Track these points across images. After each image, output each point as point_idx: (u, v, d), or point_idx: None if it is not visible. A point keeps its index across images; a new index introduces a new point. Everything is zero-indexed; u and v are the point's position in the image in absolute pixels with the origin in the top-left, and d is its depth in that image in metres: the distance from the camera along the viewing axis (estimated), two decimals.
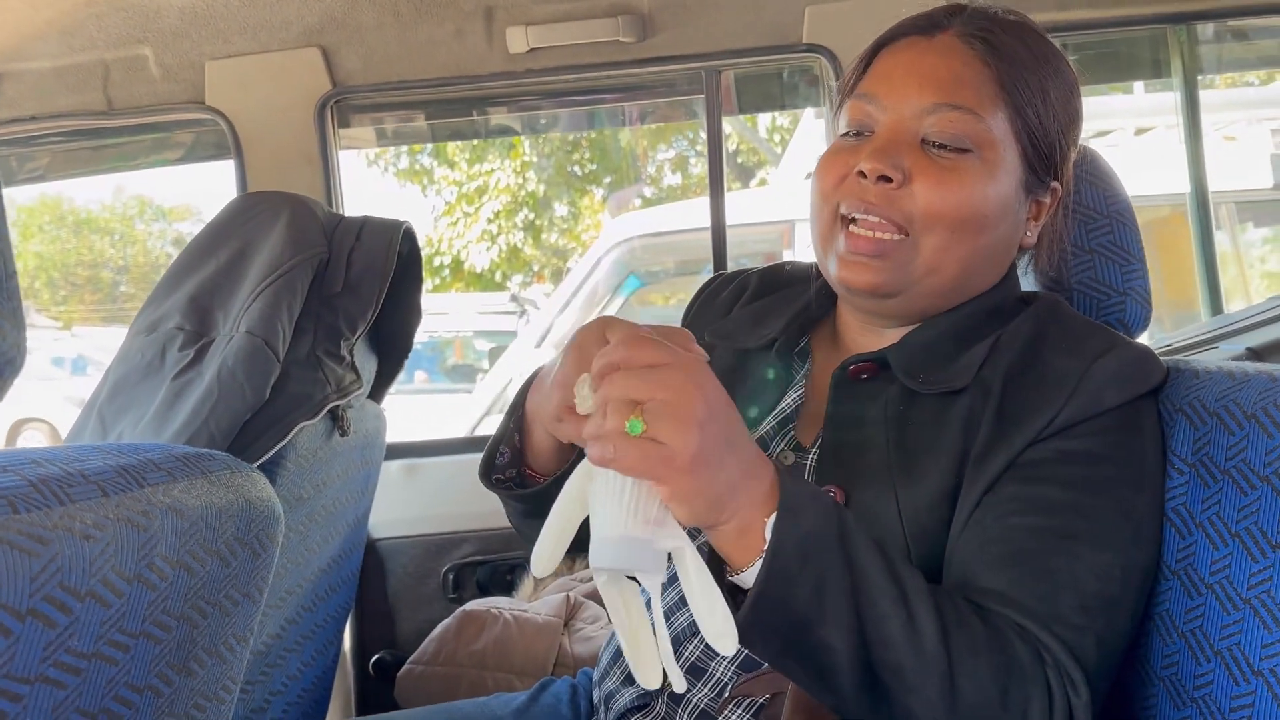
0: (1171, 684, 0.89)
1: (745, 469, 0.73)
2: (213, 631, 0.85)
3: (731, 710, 0.95)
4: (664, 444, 0.69)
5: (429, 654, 1.71)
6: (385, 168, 12.00)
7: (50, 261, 17.33)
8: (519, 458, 1.00)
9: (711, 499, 0.72)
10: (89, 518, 0.67)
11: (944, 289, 0.97)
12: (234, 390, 1.14)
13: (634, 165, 12.12)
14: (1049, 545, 0.83)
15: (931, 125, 0.94)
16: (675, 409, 0.69)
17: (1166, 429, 0.94)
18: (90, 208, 17.55)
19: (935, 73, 0.95)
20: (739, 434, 0.74)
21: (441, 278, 11.73)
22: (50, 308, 16.73)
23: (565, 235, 12.14)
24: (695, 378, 0.71)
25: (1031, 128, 0.96)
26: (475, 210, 11.45)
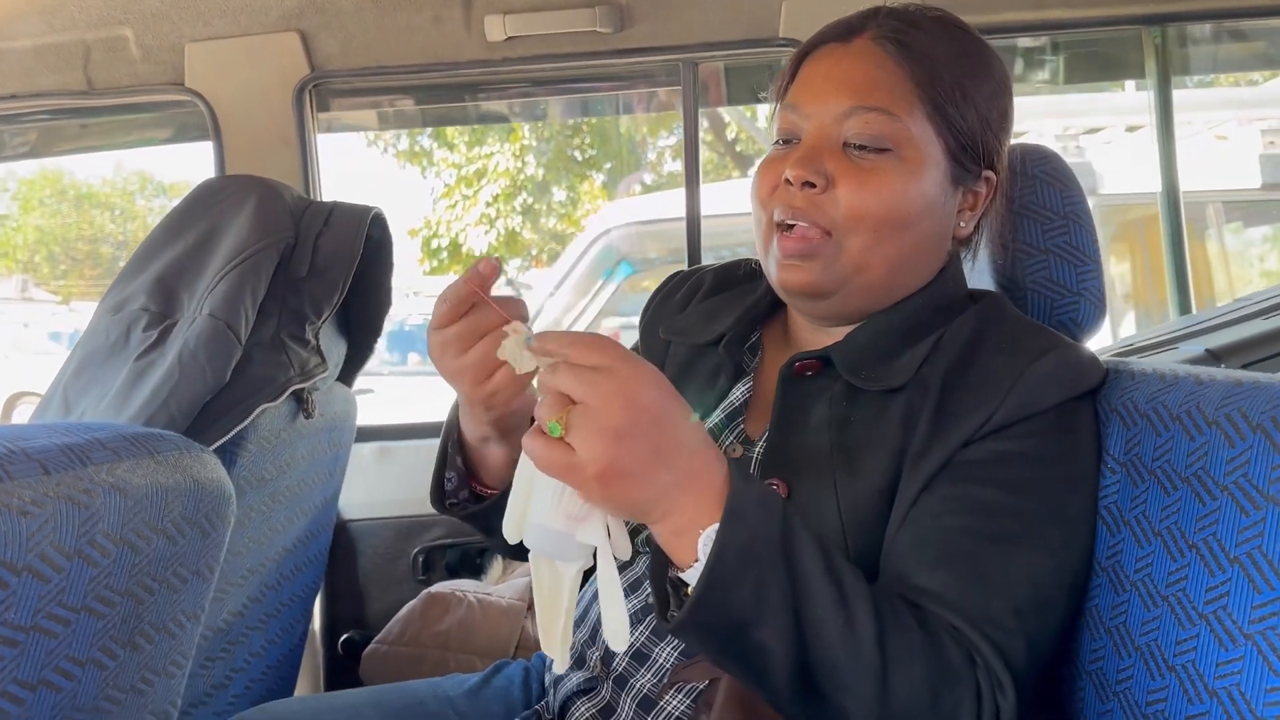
0: (1097, 678, 0.91)
1: (680, 477, 0.74)
2: (160, 608, 0.87)
3: (672, 695, 0.97)
4: (575, 452, 0.71)
5: (394, 634, 1.73)
6: (385, 148, 11.97)
7: (50, 236, 17.30)
8: (465, 479, 1.04)
9: (632, 505, 0.74)
10: (27, 494, 0.69)
11: (875, 285, 0.99)
12: (195, 372, 1.15)
13: (634, 151, 12.10)
14: (983, 548, 0.85)
15: (850, 128, 0.96)
16: (595, 419, 0.70)
17: (1103, 429, 0.96)
18: (91, 182, 17.51)
19: (851, 77, 0.97)
20: (675, 443, 0.74)
21: (440, 260, 11.71)
22: (49, 282, 16.71)
23: (564, 220, 12.12)
24: (628, 387, 0.71)
25: (952, 121, 0.97)
26: (474, 193, 11.42)
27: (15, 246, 16.72)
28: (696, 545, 0.75)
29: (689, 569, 0.76)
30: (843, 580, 0.77)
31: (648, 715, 0.97)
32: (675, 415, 0.74)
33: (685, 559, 0.76)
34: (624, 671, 1.00)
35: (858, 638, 0.75)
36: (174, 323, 1.21)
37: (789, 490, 0.95)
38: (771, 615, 0.74)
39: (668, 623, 0.77)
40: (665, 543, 0.77)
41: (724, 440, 1.05)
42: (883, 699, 0.76)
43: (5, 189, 16.50)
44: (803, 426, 0.98)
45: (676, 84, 1.95)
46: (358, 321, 1.56)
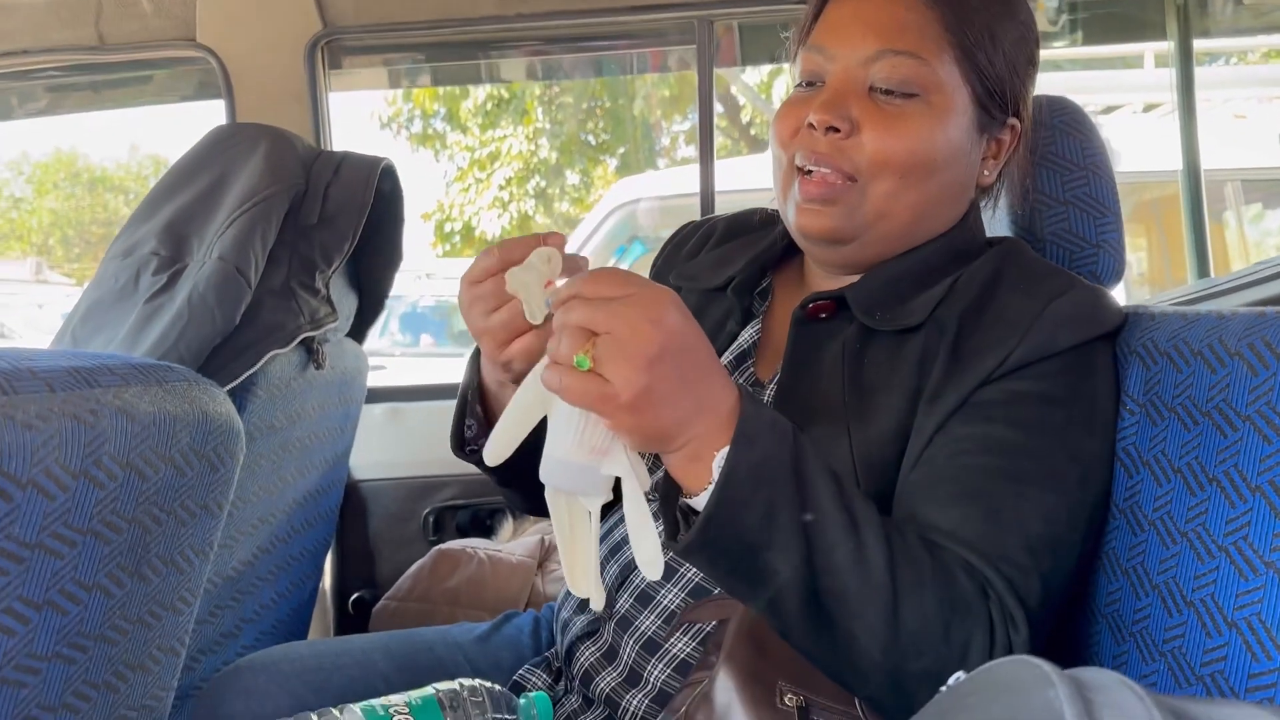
0: (1113, 620, 0.90)
1: (701, 402, 0.73)
2: (168, 540, 0.87)
3: (678, 638, 0.96)
4: (608, 381, 0.70)
5: (404, 590, 1.73)
6: (398, 131, 11.98)
7: (64, 219, 17.38)
8: (485, 427, 1.03)
9: (658, 432, 0.73)
10: (32, 409, 0.68)
11: (896, 233, 0.98)
12: (204, 315, 1.15)
13: (648, 135, 12.08)
14: (998, 486, 0.84)
15: (878, 72, 0.94)
16: (624, 346, 0.69)
17: (1121, 371, 0.95)
18: (105, 165, 17.58)
19: (879, 19, 0.95)
20: (698, 369, 0.73)
21: (453, 244, 11.72)
22: (64, 265, 16.80)
23: (577, 204, 12.11)
24: (652, 312, 0.70)
25: (981, 67, 0.95)
26: (487, 177, 11.42)
27: (30, 229, 16.82)
28: (710, 468, 0.74)
29: (700, 494, 0.75)
30: (854, 507, 0.76)
31: (651, 657, 0.96)
32: (695, 339, 0.73)
33: (698, 484, 0.75)
34: (627, 614, 0.99)
35: (868, 564, 0.74)
36: (184, 266, 1.20)
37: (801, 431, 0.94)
38: (781, 538, 0.73)
39: (676, 544, 0.77)
40: (679, 468, 0.76)
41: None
42: (893, 626, 0.75)
43: (20, 172, 16.58)
44: (815, 368, 0.97)
45: (691, 42, 1.93)
46: (368, 276, 1.56)
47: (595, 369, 0.70)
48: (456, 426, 1.04)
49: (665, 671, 0.95)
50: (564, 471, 0.77)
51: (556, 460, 0.76)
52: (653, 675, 0.96)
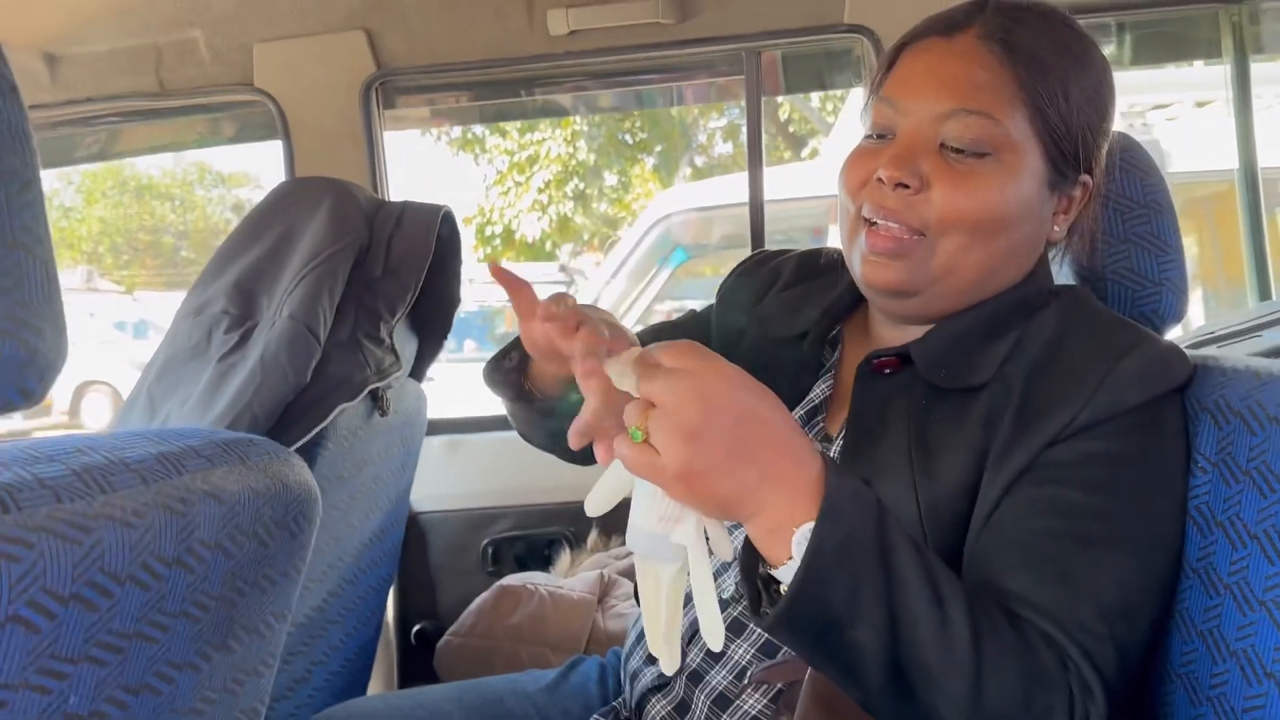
0: (1188, 682, 0.90)
1: (766, 473, 0.73)
2: (251, 610, 0.89)
3: (749, 695, 0.97)
4: (657, 453, 0.71)
5: (466, 626, 1.75)
6: (438, 136, 12.06)
7: (113, 227, 17.68)
8: (524, 365, 1.08)
9: (719, 502, 0.73)
10: (129, 505, 0.70)
11: (963, 289, 0.98)
12: (277, 373, 1.17)
13: (685, 134, 12.06)
14: (1069, 550, 0.83)
15: (950, 130, 0.94)
16: (669, 419, 0.70)
17: (1191, 427, 0.94)
18: (151, 173, 17.85)
19: (954, 77, 0.94)
20: (759, 440, 0.72)
21: (493, 247, 11.79)
22: (113, 272, 17.09)
23: (615, 205, 12.13)
24: (701, 388, 0.70)
25: (1053, 126, 0.95)
26: (526, 180, 11.47)
27: (80, 238, 17.13)
28: (790, 543, 0.73)
29: (782, 566, 0.75)
30: (938, 579, 0.76)
31: (723, 713, 0.97)
32: (758, 412, 0.73)
33: (778, 556, 0.75)
34: (698, 668, 1.00)
35: (952, 637, 0.74)
36: (254, 325, 1.23)
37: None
38: (866, 613, 0.73)
39: (760, 619, 0.77)
40: (758, 540, 0.76)
41: None
42: (975, 699, 0.75)
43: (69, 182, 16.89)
44: (881, 424, 0.97)
45: (738, 73, 1.93)
46: (428, 318, 1.58)
47: (648, 440, 0.72)
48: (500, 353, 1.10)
49: None
50: (641, 538, 0.79)
51: (635, 527, 0.79)
52: None
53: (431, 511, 2.02)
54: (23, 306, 0.54)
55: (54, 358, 0.58)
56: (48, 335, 0.57)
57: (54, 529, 0.61)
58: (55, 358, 0.58)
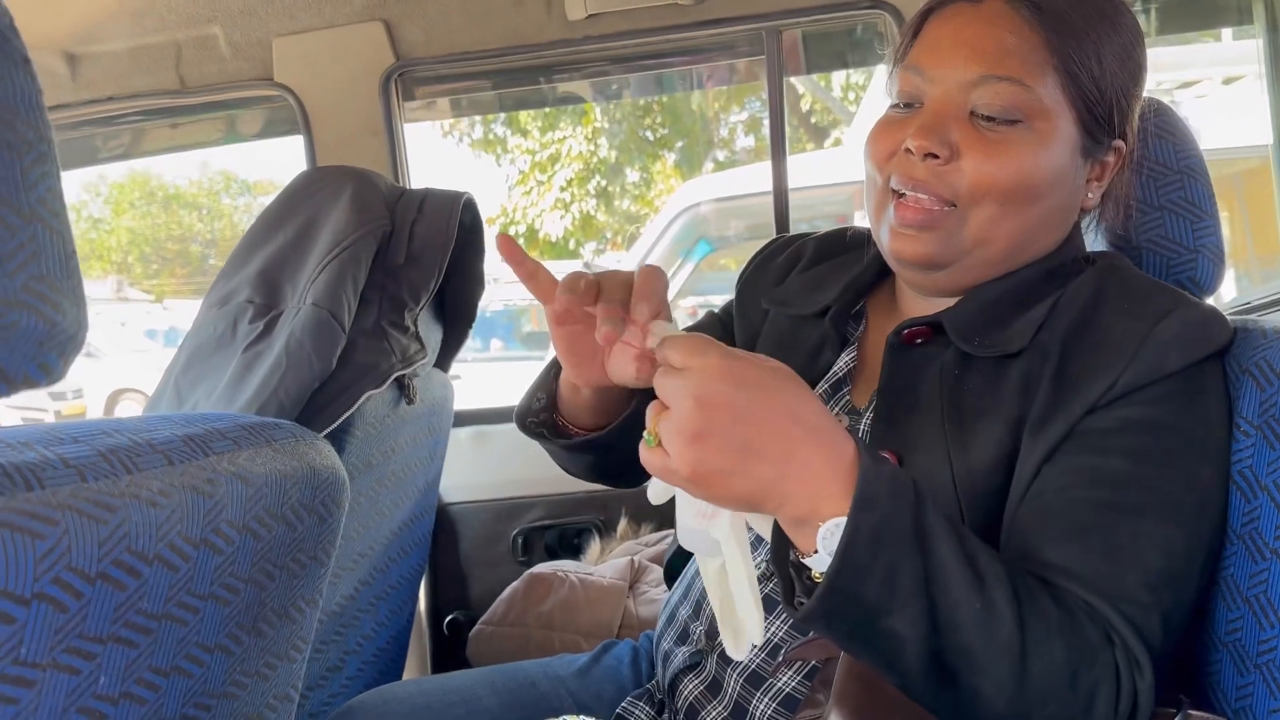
0: (1235, 650, 0.87)
1: (786, 468, 0.71)
2: (281, 594, 0.89)
3: (783, 672, 0.96)
4: (668, 454, 0.72)
5: (498, 615, 1.75)
6: (460, 138, 12.11)
7: (141, 236, 17.90)
8: (554, 402, 1.06)
9: (737, 499, 0.73)
10: (155, 485, 0.70)
11: (995, 260, 0.95)
12: (302, 361, 1.17)
13: (706, 129, 12.04)
14: (1112, 520, 0.81)
15: (979, 98, 0.91)
16: (673, 424, 0.71)
17: (1233, 390, 0.92)
18: (178, 183, 18.05)
19: (982, 42, 0.92)
20: (769, 435, 0.71)
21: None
22: (143, 281, 17.29)
23: (638, 201, 12.13)
24: (701, 389, 0.70)
25: (1085, 91, 0.92)
26: (548, 178, 11.50)
27: (109, 248, 17.35)
28: (816, 537, 0.72)
29: (812, 555, 0.74)
30: (978, 562, 0.74)
31: (756, 690, 0.96)
32: (766, 405, 0.71)
33: (807, 546, 0.74)
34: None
35: (996, 621, 0.72)
36: (279, 313, 1.23)
37: (900, 461, 0.92)
38: (904, 601, 0.71)
39: (795, 610, 0.75)
40: (788, 530, 0.75)
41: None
42: (1020, 681, 0.73)
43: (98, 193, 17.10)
44: (912, 395, 0.96)
45: (759, 53, 1.91)
46: (452, 306, 1.58)
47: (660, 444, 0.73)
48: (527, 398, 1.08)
49: (771, 706, 0.95)
50: (688, 534, 0.81)
51: (680, 524, 0.81)
52: (758, 710, 0.95)
53: (461, 502, 2.02)
54: (40, 280, 0.54)
55: (74, 332, 0.57)
56: (66, 310, 0.56)
57: (79, 507, 0.61)
58: (75, 332, 0.57)
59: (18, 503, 0.57)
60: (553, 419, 1.06)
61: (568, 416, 1.06)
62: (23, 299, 0.53)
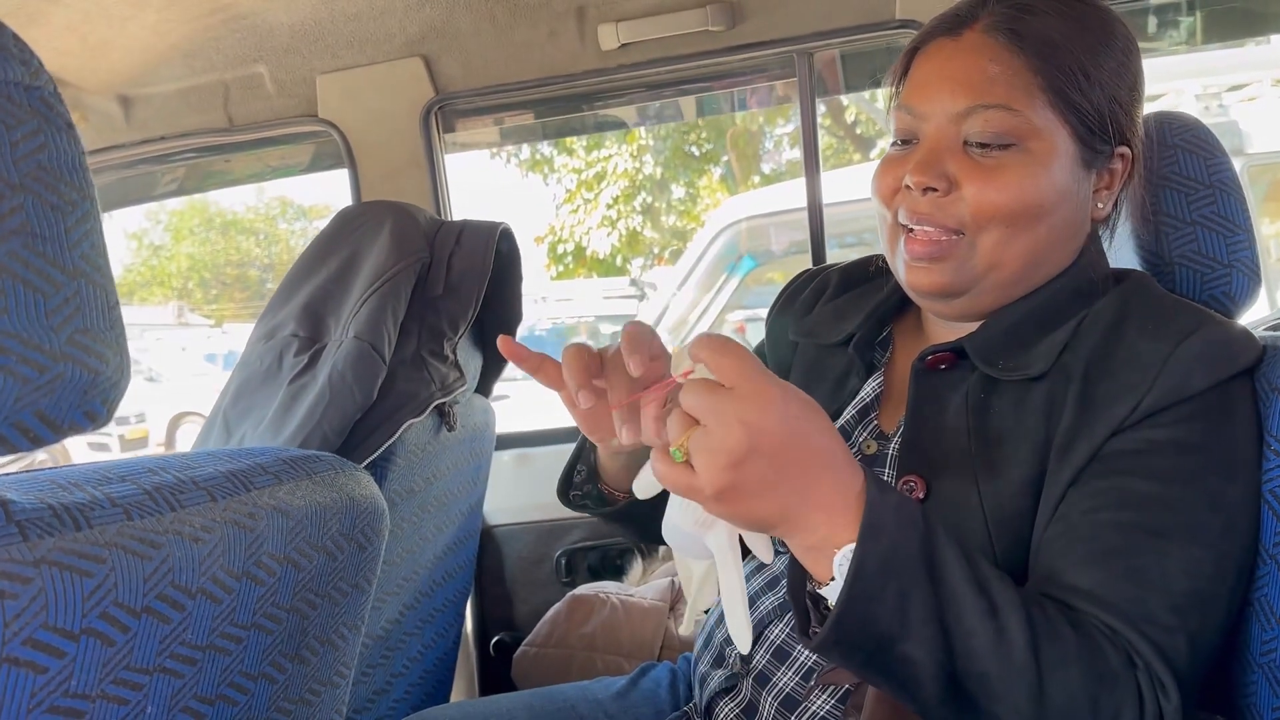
0: (1270, 671, 0.87)
1: (806, 494, 0.73)
2: (323, 621, 0.92)
3: (817, 695, 0.96)
4: (693, 472, 0.72)
5: (541, 636, 1.77)
6: (507, 159, 12.24)
7: (201, 263, 18.29)
8: (594, 475, 1.07)
9: (755, 521, 0.74)
10: (198, 521, 0.73)
11: (1010, 280, 0.96)
12: (344, 392, 1.20)
13: (751, 142, 12.04)
14: (1137, 542, 0.82)
15: (971, 127, 0.93)
16: (713, 442, 0.70)
17: (1263, 409, 0.91)
18: (236, 210, 18.44)
19: (966, 74, 0.94)
20: (801, 464, 0.72)
21: (565, 265, 11.91)
22: (202, 306, 17.67)
23: (684, 217, 12.15)
24: (747, 413, 0.70)
25: (1076, 105, 0.93)
26: (595, 196, 11.58)
27: (170, 274, 17.77)
28: (832, 564, 0.74)
29: (827, 585, 0.75)
30: (989, 587, 0.75)
31: (791, 714, 0.97)
32: (801, 436, 0.72)
33: (822, 575, 0.75)
34: (764, 670, 1.00)
35: (1009, 647, 0.73)
36: (322, 346, 1.26)
37: (927, 487, 0.93)
38: (916, 629, 0.72)
39: (809, 639, 0.76)
40: (801, 557, 0.77)
41: (857, 436, 1.04)
42: (1038, 706, 0.74)
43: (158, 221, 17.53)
44: (938, 420, 0.96)
45: (792, 75, 1.93)
46: (492, 333, 1.61)
47: (688, 459, 0.72)
48: (566, 473, 1.08)
49: None
50: (676, 535, 0.81)
51: (670, 524, 0.81)
52: None
53: (505, 524, 2.05)
54: (84, 333, 0.57)
55: (117, 379, 0.60)
56: (110, 359, 0.59)
57: (125, 545, 0.64)
58: (118, 379, 0.61)
59: (66, 542, 0.60)
60: (598, 489, 1.09)
61: (612, 484, 1.08)
62: (68, 351, 0.56)
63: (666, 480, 0.74)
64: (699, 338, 0.74)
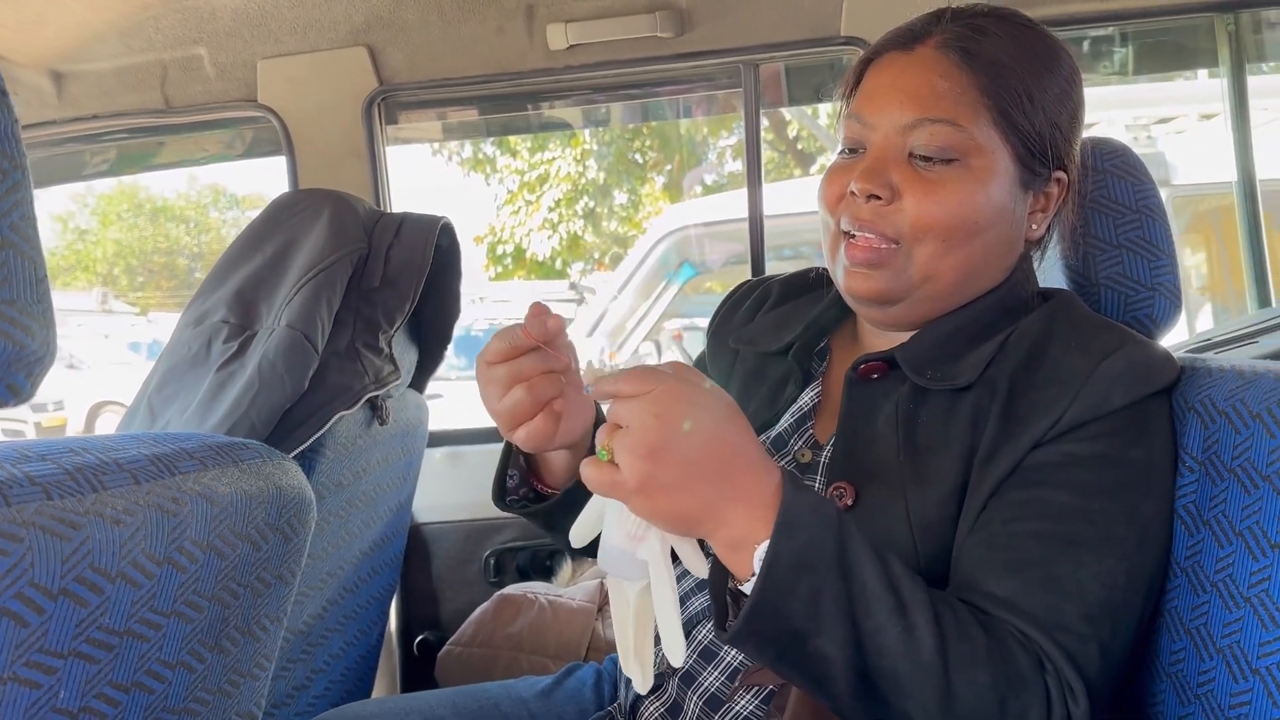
0: (1177, 681, 0.90)
1: (726, 491, 0.76)
2: (245, 612, 0.90)
3: (741, 695, 0.97)
4: (617, 468, 0.74)
5: (467, 636, 1.76)
6: (450, 157, 12.15)
7: (128, 249, 17.86)
8: (527, 477, 1.07)
9: (679, 517, 0.76)
10: (120, 504, 0.71)
11: (943, 293, 0.99)
12: (274, 381, 1.18)
13: (695, 152, 12.11)
14: (1054, 553, 0.84)
15: (916, 140, 0.96)
16: (631, 438, 0.74)
17: (1179, 427, 0.94)
18: (166, 196, 18.04)
19: (915, 88, 0.96)
20: (718, 458, 0.75)
21: (504, 266, 11.85)
22: (128, 294, 17.24)
23: (625, 223, 12.18)
24: (659, 408, 0.74)
25: (1019, 128, 0.96)
26: (537, 199, 11.55)
27: (95, 260, 17.31)
28: (752, 559, 0.76)
29: (746, 581, 0.77)
30: (900, 588, 0.77)
31: (715, 714, 0.97)
32: (716, 433, 0.75)
33: (742, 572, 0.77)
34: (691, 669, 1.01)
35: (918, 645, 0.75)
36: (253, 334, 1.24)
37: (856, 494, 0.95)
38: (828, 624, 0.75)
39: (724, 632, 0.78)
40: (723, 556, 0.79)
41: (793, 444, 1.05)
42: (946, 705, 0.76)
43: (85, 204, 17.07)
44: (870, 429, 0.98)
45: (737, 86, 1.95)
46: (428, 329, 1.59)
47: (613, 459, 0.75)
48: (499, 477, 1.07)
49: None
50: (610, 555, 0.82)
51: (605, 545, 0.82)
52: None
53: (434, 523, 2.03)
54: (9, 304, 0.56)
55: (42, 354, 0.59)
56: (35, 333, 0.58)
57: (43, 524, 0.63)
58: (44, 354, 0.59)
59: None
60: (534, 488, 1.08)
61: (545, 480, 1.07)
62: None
63: (592, 481, 0.76)
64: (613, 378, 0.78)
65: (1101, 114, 3.92)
